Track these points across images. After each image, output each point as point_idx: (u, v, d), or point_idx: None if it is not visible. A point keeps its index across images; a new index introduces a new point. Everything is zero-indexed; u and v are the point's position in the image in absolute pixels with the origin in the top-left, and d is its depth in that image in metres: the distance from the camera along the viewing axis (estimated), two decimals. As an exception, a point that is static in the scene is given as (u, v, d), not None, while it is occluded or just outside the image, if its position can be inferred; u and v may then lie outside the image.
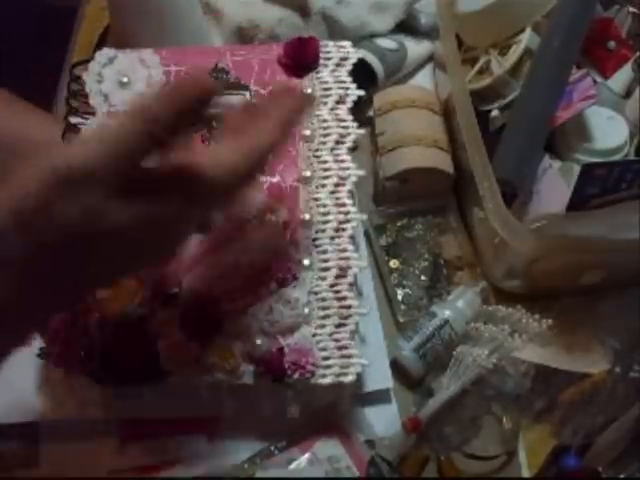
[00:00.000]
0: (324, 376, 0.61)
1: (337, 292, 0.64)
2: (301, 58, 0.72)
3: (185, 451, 0.65)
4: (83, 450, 0.65)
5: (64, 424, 0.65)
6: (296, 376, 0.60)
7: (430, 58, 0.92)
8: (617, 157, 0.75)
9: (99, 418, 0.65)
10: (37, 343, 0.64)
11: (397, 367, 0.69)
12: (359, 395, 0.67)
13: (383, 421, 0.67)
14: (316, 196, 0.67)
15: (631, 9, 0.84)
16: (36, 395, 0.65)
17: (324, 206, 0.66)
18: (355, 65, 0.74)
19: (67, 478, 0.63)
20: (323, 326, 0.63)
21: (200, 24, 0.84)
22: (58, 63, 0.93)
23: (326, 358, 0.61)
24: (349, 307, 0.63)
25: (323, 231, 0.66)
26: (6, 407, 0.65)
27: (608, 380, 0.66)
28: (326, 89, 0.72)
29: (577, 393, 0.66)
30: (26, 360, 0.66)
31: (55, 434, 0.65)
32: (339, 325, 0.63)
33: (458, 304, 0.71)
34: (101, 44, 0.90)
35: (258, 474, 0.62)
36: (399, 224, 0.79)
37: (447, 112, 0.81)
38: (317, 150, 0.69)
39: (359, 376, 0.62)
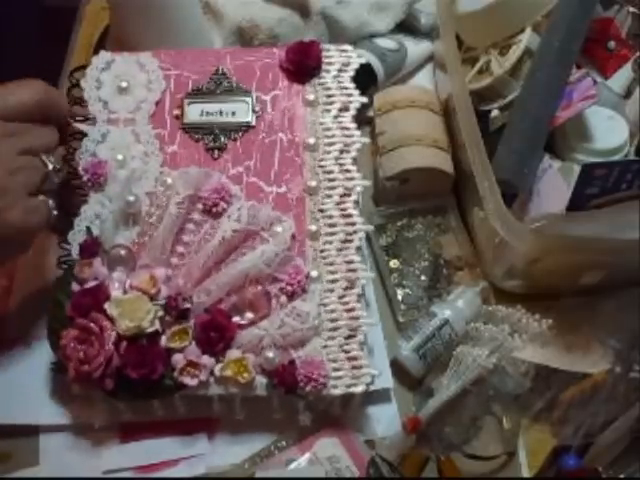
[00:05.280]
0: (335, 387, 0.62)
1: (345, 304, 0.64)
2: (303, 63, 0.71)
3: (185, 451, 0.65)
4: (83, 450, 0.65)
5: (64, 424, 0.65)
6: (308, 388, 0.61)
7: (430, 58, 0.92)
8: (617, 157, 0.75)
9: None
10: (40, 343, 0.64)
11: (397, 367, 0.69)
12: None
13: (383, 421, 0.67)
14: (322, 207, 0.67)
15: (631, 9, 0.84)
16: (37, 397, 0.65)
17: (330, 217, 0.67)
18: (355, 65, 0.74)
19: (67, 478, 0.63)
20: (333, 338, 0.63)
21: (200, 24, 0.84)
22: (58, 63, 0.93)
23: (337, 369, 0.62)
24: (357, 319, 0.64)
25: (330, 243, 0.66)
26: (7, 408, 0.65)
27: (608, 380, 0.66)
28: (329, 96, 0.71)
29: (577, 393, 0.66)
30: (27, 362, 0.67)
31: (55, 434, 0.65)
32: (348, 337, 0.63)
33: (458, 304, 0.71)
34: (101, 44, 0.90)
35: (258, 474, 0.62)
36: (399, 224, 0.79)
37: (447, 112, 0.81)
38: (322, 160, 0.69)
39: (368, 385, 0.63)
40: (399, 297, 0.75)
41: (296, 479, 0.62)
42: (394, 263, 0.76)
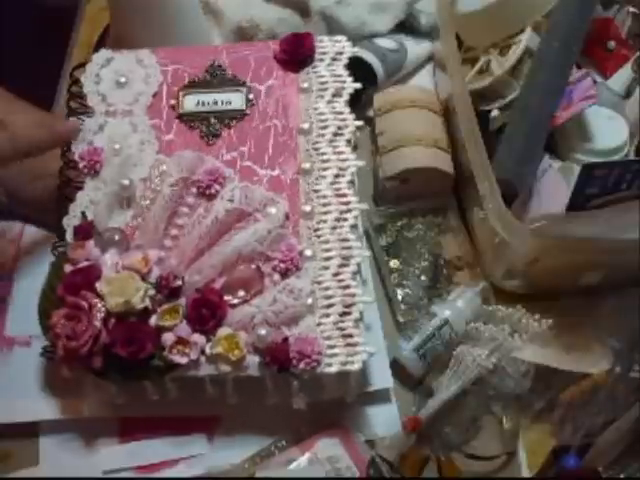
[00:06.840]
0: (330, 365, 0.61)
1: (340, 281, 0.64)
2: (297, 53, 0.72)
3: (185, 451, 0.65)
4: (83, 450, 0.65)
5: (64, 424, 0.65)
6: (302, 366, 0.60)
7: (430, 58, 0.92)
8: (617, 157, 0.75)
9: (101, 417, 0.65)
10: (40, 343, 0.64)
11: (397, 367, 0.69)
12: (359, 395, 0.67)
13: (383, 421, 0.67)
14: (316, 188, 0.67)
15: (631, 9, 0.84)
16: (37, 396, 0.66)
17: (324, 197, 0.67)
18: (355, 65, 0.74)
19: (67, 478, 0.63)
20: (327, 315, 0.62)
21: (200, 24, 0.84)
22: (58, 63, 0.93)
23: (331, 347, 0.61)
24: (353, 295, 0.63)
25: (324, 222, 0.66)
26: (7, 407, 0.65)
27: (608, 380, 0.66)
28: (323, 83, 0.72)
29: (577, 393, 0.66)
30: (27, 360, 0.67)
31: (55, 434, 0.65)
32: (343, 314, 0.63)
33: (458, 304, 0.71)
34: (101, 44, 0.90)
35: (258, 474, 0.62)
36: (399, 224, 0.79)
37: (447, 112, 0.81)
38: (316, 143, 0.69)
39: (363, 370, 0.62)
40: (399, 297, 0.75)
41: (296, 479, 0.62)
42: (394, 263, 0.76)
